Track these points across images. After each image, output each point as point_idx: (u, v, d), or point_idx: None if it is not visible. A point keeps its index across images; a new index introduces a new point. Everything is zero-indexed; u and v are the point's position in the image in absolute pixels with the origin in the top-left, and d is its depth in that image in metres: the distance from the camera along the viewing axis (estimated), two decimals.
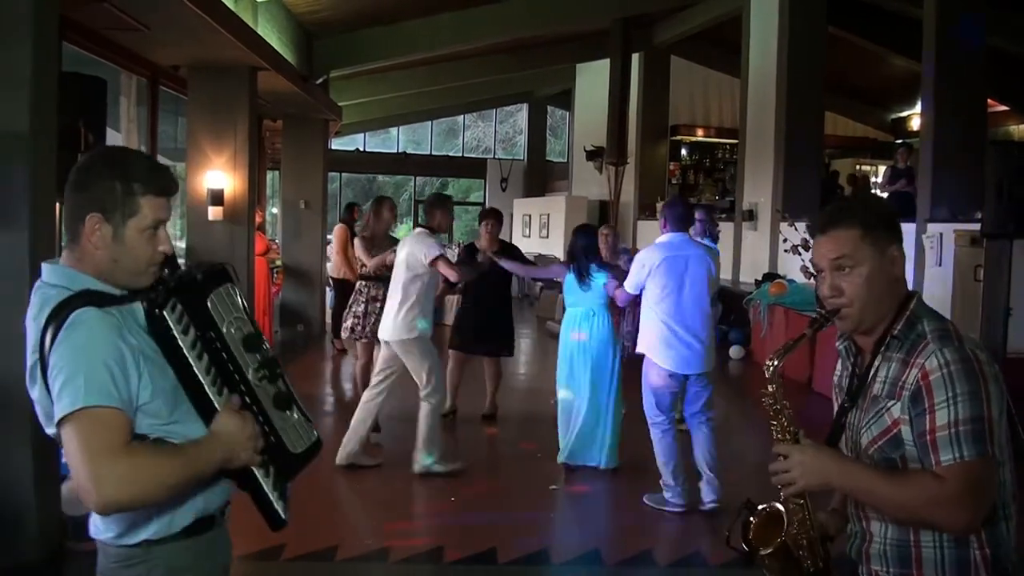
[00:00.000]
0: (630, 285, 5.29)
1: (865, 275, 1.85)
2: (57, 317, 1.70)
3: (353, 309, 6.95)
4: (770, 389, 1.92)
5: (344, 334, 7.17)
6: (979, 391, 1.72)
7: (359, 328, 6.89)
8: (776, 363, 1.94)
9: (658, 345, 5.08)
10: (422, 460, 5.66)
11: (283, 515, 1.91)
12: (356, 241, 7.24)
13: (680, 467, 5.16)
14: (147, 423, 1.79)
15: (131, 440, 1.73)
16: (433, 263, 5.59)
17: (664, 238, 5.24)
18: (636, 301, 5.53)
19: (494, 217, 7.17)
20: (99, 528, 1.89)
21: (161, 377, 1.79)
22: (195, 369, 1.79)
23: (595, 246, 6.06)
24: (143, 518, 1.85)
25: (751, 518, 2.00)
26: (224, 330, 1.88)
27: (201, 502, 1.91)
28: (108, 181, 1.80)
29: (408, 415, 6.00)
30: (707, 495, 5.13)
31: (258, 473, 1.88)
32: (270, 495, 1.90)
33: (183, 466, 1.74)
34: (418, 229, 5.98)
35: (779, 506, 1.97)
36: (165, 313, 1.76)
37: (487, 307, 7.16)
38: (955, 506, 1.70)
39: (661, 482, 5.19)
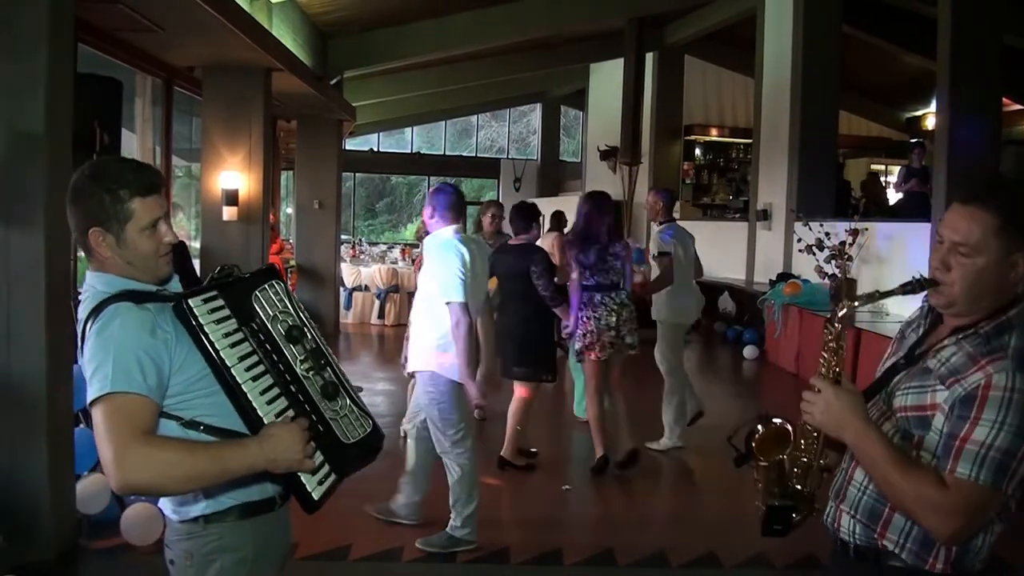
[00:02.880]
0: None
1: (979, 267, 1.79)
2: (97, 311, 1.86)
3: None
4: (836, 327, 1.89)
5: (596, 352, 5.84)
6: None
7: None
8: (856, 304, 1.93)
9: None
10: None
11: (316, 498, 1.95)
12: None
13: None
14: (185, 403, 1.91)
15: (156, 426, 1.85)
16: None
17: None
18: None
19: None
20: (162, 504, 2.08)
21: (197, 361, 1.90)
22: (221, 355, 1.87)
23: None
24: (191, 496, 1.99)
25: (759, 426, 1.98)
26: (270, 325, 2.00)
27: (254, 487, 2.02)
28: (96, 195, 1.92)
29: None
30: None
31: (302, 474, 1.93)
32: (305, 483, 1.93)
33: (207, 463, 1.83)
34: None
35: (789, 427, 1.97)
36: (191, 303, 1.87)
37: (531, 321, 6.04)
38: (945, 517, 1.70)
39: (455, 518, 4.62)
